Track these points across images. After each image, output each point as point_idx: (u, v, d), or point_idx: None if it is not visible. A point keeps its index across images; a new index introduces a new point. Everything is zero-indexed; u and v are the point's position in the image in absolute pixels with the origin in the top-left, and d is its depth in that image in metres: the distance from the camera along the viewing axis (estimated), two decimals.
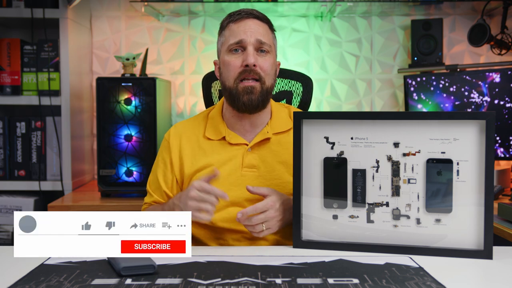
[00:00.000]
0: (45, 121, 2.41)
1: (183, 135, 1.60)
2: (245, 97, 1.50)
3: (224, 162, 1.53)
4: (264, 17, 1.57)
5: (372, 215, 1.33)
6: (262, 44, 1.51)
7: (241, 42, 1.50)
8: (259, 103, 1.51)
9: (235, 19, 1.54)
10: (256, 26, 1.52)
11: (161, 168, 1.59)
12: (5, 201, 2.38)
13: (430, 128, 1.29)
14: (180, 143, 1.58)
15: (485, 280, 1.17)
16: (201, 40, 2.71)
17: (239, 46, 1.51)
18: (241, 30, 1.51)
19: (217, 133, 1.57)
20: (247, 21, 1.53)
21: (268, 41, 1.52)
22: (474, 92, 2.34)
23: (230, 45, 1.52)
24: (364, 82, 2.74)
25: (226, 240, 1.52)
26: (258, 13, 1.56)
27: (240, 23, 1.53)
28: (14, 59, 2.40)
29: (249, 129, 1.57)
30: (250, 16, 1.54)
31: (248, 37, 1.50)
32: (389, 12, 2.67)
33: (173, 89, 2.72)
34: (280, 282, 1.08)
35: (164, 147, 1.61)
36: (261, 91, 1.50)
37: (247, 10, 1.55)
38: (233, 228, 1.49)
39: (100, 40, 2.72)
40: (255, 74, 1.49)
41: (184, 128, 1.62)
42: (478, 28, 2.40)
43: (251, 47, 1.49)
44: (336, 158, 1.35)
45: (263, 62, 1.51)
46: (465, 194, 1.28)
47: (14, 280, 1.09)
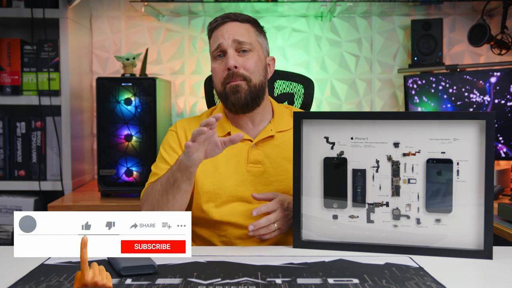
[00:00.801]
0: (45, 121, 2.41)
1: (188, 130, 1.61)
2: (232, 97, 1.53)
3: (229, 158, 1.55)
4: (245, 17, 1.58)
5: (372, 215, 1.33)
6: (241, 44, 1.53)
7: (220, 46, 1.53)
8: (248, 101, 1.53)
9: (214, 26, 1.58)
10: (234, 28, 1.55)
11: (171, 155, 1.58)
12: (5, 201, 2.38)
13: (430, 128, 1.29)
14: (186, 137, 1.60)
15: (485, 280, 1.17)
16: (201, 40, 2.71)
17: (220, 52, 1.54)
18: (219, 35, 1.55)
19: (222, 129, 1.58)
20: (225, 25, 1.56)
21: (248, 39, 1.54)
22: (475, 92, 2.34)
23: (213, 52, 1.56)
24: (364, 82, 2.74)
25: (229, 238, 1.52)
26: (237, 15, 1.58)
27: (219, 28, 1.57)
28: (14, 59, 2.40)
29: (251, 127, 1.60)
30: (227, 20, 1.56)
31: (225, 40, 1.53)
32: (389, 12, 2.67)
33: (173, 89, 2.72)
34: (280, 282, 1.08)
35: (171, 137, 1.62)
36: (248, 89, 1.52)
37: (224, 15, 1.58)
38: (238, 223, 1.50)
39: (100, 40, 2.72)
40: (238, 76, 1.52)
41: (189, 124, 1.64)
42: (478, 28, 2.40)
43: (230, 50, 1.52)
44: (336, 158, 1.35)
45: (245, 61, 1.53)
46: (465, 194, 1.28)
47: (14, 280, 1.09)
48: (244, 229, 1.50)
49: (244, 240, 1.51)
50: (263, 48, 1.61)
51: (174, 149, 1.59)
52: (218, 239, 1.53)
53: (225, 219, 1.51)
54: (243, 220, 1.50)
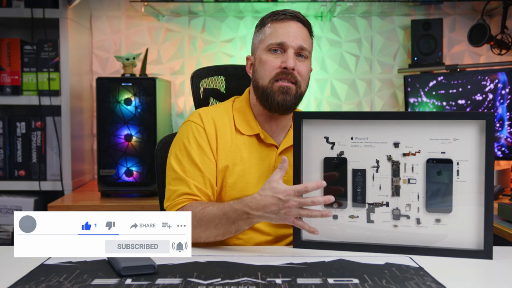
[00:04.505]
0: (45, 121, 2.41)
1: (217, 124, 1.50)
2: (280, 97, 1.47)
3: (256, 162, 1.50)
4: (307, 21, 1.54)
5: (372, 215, 1.33)
6: (302, 49, 1.48)
7: (283, 44, 1.47)
8: (293, 104, 1.49)
9: (279, 18, 1.51)
10: (299, 30, 1.50)
11: (200, 156, 1.45)
12: (5, 201, 2.38)
13: (430, 128, 1.29)
14: (217, 133, 1.49)
15: (485, 280, 1.17)
16: (201, 40, 2.71)
17: (279, 47, 1.48)
18: (284, 32, 1.48)
19: (250, 129, 1.52)
20: (291, 23, 1.50)
21: (308, 46, 1.50)
22: (475, 92, 2.34)
23: (271, 45, 1.49)
24: (364, 82, 2.74)
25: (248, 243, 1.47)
26: (302, 17, 1.53)
27: (283, 23, 1.50)
28: (14, 59, 2.40)
29: (275, 131, 1.54)
30: (294, 19, 1.51)
31: (290, 40, 1.47)
32: (389, 12, 2.67)
33: (173, 89, 2.72)
34: (280, 282, 1.08)
35: (198, 133, 1.48)
36: (295, 94, 1.48)
37: (293, 12, 1.52)
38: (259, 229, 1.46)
39: (100, 40, 2.72)
40: (292, 77, 1.47)
41: (215, 117, 1.51)
42: (478, 28, 2.40)
43: (291, 50, 1.47)
44: (336, 158, 1.35)
45: (301, 66, 1.48)
46: (465, 194, 1.28)
47: (14, 280, 1.09)
48: (265, 236, 1.47)
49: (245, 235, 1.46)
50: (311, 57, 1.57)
51: (203, 150, 1.46)
52: (235, 242, 1.47)
53: None
54: (265, 227, 1.47)
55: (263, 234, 1.47)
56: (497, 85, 2.29)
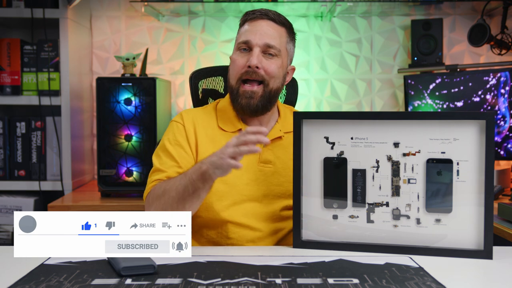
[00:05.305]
0: (45, 121, 2.41)
1: (197, 122, 1.54)
2: (244, 101, 1.49)
3: None
4: (283, 20, 1.54)
5: (372, 215, 1.33)
6: (269, 47, 1.48)
7: (248, 43, 1.48)
8: (258, 107, 1.50)
9: (250, 18, 1.52)
10: (268, 28, 1.50)
11: (176, 150, 1.49)
12: (5, 201, 2.38)
13: (430, 128, 1.29)
14: (195, 130, 1.52)
15: (485, 280, 1.17)
16: (201, 40, 2.71)
17: (246, 46, 1.49)
18: (252, 30, 1.50)
19: (232, 126, 1.54)
20: (261, 22, 1.51)
21: (277, 45, 1.49)
22: (475, 92, 2.34)
23: (239, 44, 1.51)
24: (364, 82, 2.74)
25: (240, 242, 1.48)
26: (276, 16, 1.53)
27: (253, 22, 1.51)
28: (14, 59, 2.40)
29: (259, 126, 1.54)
30: (264, 17, 1.51)
31: (256, 38, 1.48)
32: (389, 12, 2.67)
33: (173, 89, 2.72)
34: (280, 282, 1.08)
35: (178, 130, 1.53)
36: (263, 95, 1.49)
37: (264, 11, 1.52)
38: (245, 224, 1.47)
39: (100, 40, 2.72)
40: (257, 76, 1.47)
41: (196, 116, 1.55)
42: (478, 28, 2.40)
43: (257, 49, 1.47)
44: (336, 158, 1.35)
45: (268, 64, 1.48)
46: (465, 194, 1.28)
47: (14, 280, 1.09)
48: (256, 232, 1.47)
49: (255, 243, 1.48)
50: (289, 56, 1.56)
51: (180, 144, 1.50)
52: (227, 242, 1.48)
53: (235, 219, 1.46)
54: (251, 222, 1.47)
55: (254, 230, 1.48)
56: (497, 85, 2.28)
